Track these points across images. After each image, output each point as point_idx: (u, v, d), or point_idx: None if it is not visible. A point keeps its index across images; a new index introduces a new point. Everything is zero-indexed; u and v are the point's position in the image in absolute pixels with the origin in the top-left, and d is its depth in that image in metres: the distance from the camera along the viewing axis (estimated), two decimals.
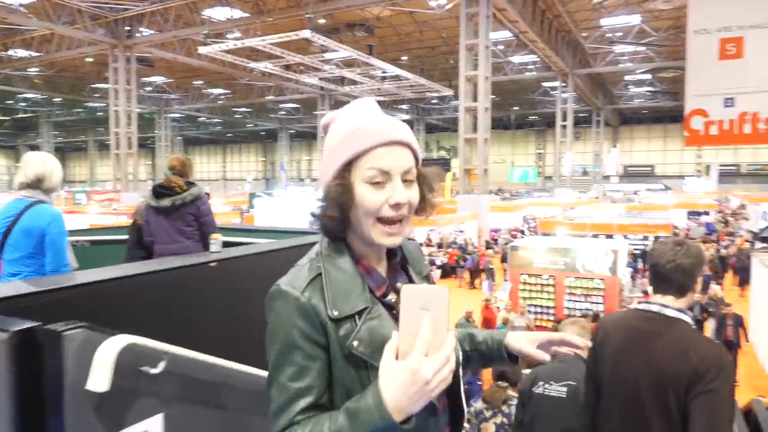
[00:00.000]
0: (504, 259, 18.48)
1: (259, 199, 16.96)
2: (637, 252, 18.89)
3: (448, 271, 20.22)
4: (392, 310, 1.14)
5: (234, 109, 58.43)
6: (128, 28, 28.39)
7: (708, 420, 1.86)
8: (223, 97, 49.94)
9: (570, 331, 3.31)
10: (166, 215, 3.82)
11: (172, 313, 2.30)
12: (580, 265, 12.65)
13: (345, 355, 1.07)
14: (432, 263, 19.46)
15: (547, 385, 3.20)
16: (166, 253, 3.69)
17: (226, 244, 4.38)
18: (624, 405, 2.08)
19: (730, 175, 58.11)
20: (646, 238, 19.88)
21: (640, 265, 17.54)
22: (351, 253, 1.16)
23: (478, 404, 4.12)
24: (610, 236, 19.11)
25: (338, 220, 1.11)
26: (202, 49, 25.54)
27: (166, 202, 3.80)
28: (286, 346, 1.05)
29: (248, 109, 59.18)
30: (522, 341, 1.40)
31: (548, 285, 13.00)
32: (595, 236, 19.00)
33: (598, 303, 12.46)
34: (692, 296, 2.07)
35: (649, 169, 63.01)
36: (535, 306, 13.11)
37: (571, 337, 1.41)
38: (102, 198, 32.23)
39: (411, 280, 1.25)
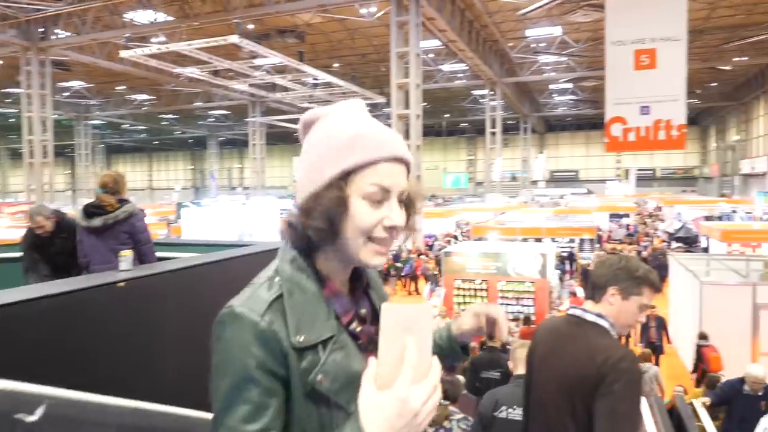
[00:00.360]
0: (438, 264, 18.65)
1: (187, 209, 16.31)
2: (564, 254, 19.57)
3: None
4: (357, 340, 1.03)
5: (160, 116, 56.30)
6: (42, 29, 26.75)
7: (607, 422, 1.87)
8: (147, 103, 48.01)
9: (520, 354, 3.62)
10: (98, 235, 3.71)
11: (66, 345, 2.02)
12: (511, 269, 12.92)
13: (306, 391, 0.94)
14: None
15: (510, 410, 3.25)
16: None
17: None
18: (543, 408, 2.14)
19: (646, 179, 61.58)
20: (572, 241, 20.65)
21: (567, 267, 18.15)
22: (315, 273, 1.03)
23: None
24: (539, 239, 19.71)
25: (326, 233, 0.98)
26: (123, 53, 24.38)
27: (97, 222, 3.70)
28: (239, 380, 0.90)
29: (175, 116, 57.20)
30: (463, 322, 1.28)
31: (481, 289, 13.19)
32: (525, 240, 19.54)
33: (529, 306, 12.75)
34: (609, 302, 2.09)
35: (574, 174, 65.79)
36: None
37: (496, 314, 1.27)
38: (14, 210, 30.11)
39: (374, 308, 1.12)
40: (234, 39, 21.07)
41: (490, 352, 6.77)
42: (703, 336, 9.40)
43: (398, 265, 18.58)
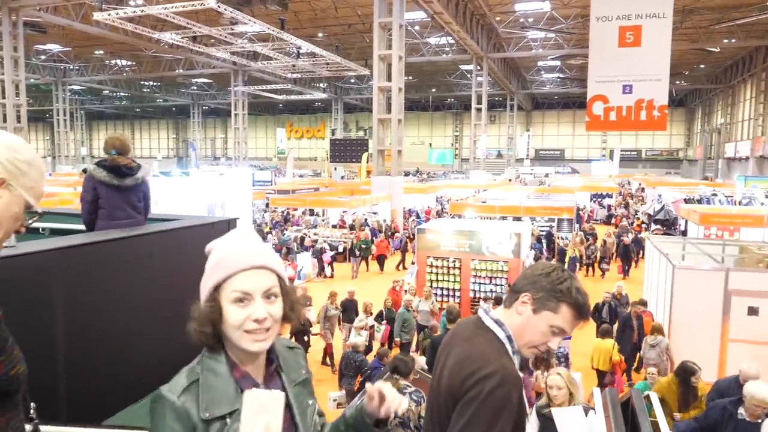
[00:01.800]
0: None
1: (156, 179, 15.83)
2: (542, 233, 19.43)
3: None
4: None
5: (141, 83, 55.05)
6: None
7: None
8: (128, 69, 46.82)
9: None
10: (123, 193, 3.93)
11: None
12: (485, 248, 12.70)
13: None
14: (334, 248, 19.15)
15: None
16: (121, 227, 3.85)
17: (58, 232, 3.80)
18: (428, 413, 1.91)
19: (631, 159, 61.74)
20: (551, 220, 20.52)
21: (544, 246, 18.02)
22: (228, 359, 1.30)
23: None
24: (518, 218, 19.54)
25: (210, 335, 1.27)
26: (97, 15, 23.53)
27: (129, 182, 3.93)
28: None
29: (157, 83, 55.96)
30: (366, 404, 1.40)
31: (454, 267, 12.98)
32: (504, 218, 19.35)
33: (501, 285, 12.58)
34: (517, 310, 1.73)
35: (559, 152, 65.73)
36: (442, 288, 13.08)
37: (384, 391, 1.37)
38: None
39: (283, 386, 1.37)
40: (211, 3, 20.36)
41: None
42: (642, 302, 10.57)
43: (363, 246, 18.18)
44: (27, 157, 1.28)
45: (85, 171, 3.97)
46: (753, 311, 9.59)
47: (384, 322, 10.32)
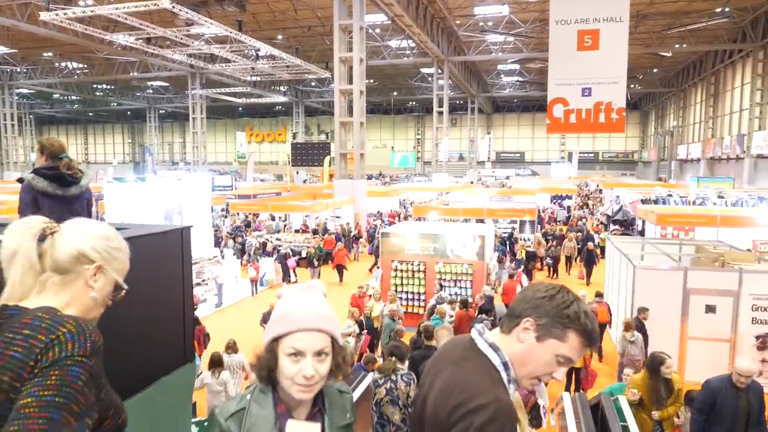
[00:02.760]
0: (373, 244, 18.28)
1: (110, 184, 15.19)
2: (505, 235, 19.56)
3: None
4: None
5: (94, 86, 53.32)
6: None
7: None
8: (79, 71, 45.27)
9: (441, 335, 5.23)
10: (66, 202, 3.64)
11: None
12: (449, 251, 12.63)
13: None
14: (297, 253, 18.74)
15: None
16: None
17: None
18: None
19: (589, 161, 63.21)
20: (514, 222, 20.68)
21: (507, 248, 18.11)
22: (275, 396, 1.49)
23: (375, 374, 5.08)
24: (481, 220, 19.61)
25: (265, 377, 1.48)
26: (44, 15, 22.57)
27: (74, 190, 3.65)
28: None
29: (110, 86, 54.31)
30: None
31: (419, 271, 12.87)
32: (467, 221, 19.39)
33: (467, 288, 12.53)
34: (519, 337, 1.52)
35: (520, 155, 66.74)
36: (407, 292, 12.95)
37: None
38: None
39: (323, 428, 1.51)
40: (166, 3, 19.79)
41: (427, 350, 6.76)
42: (598, 294, 12.06)
43: (319, 253, 17.80)
44: (117, 244, 1.54)
45: (21, 180, 3.61)
46: (710, 309, 9.78)
47: (365, 331, 10.12)
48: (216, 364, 7.02)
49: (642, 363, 8.44)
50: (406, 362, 5.63)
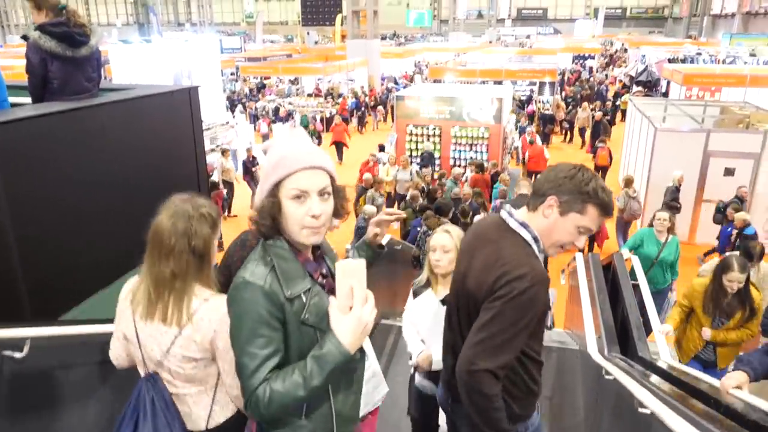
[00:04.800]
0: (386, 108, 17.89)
1: (115, 47, 14.66)
2: (524, 98, 18.99)
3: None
4: (324, 288, 1.50)
5: None
6: None
7: (473, 336, 1.65)
8: None
9: (522, 184, 6.61)
10: (77, 65, 3.28)
11: None
12: (465, 114, 12.36)
13: (299, 325, 1.41)
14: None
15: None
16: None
17: None
18: (450, 312, 1.99)
19: (616, 18, 59.40)
20: (533, 83, 19.96)
21: (525, 111, 17.66)
22: (291, 247, 1.46)
23: (424, 228, 6.22)
24: (499, 82, 18.94)
25: (269, 227, 1.42)
26: None
27: (84, 51, 3.26)
28: (255, 323, 1.36)
29: None
30: (369, 234, 1.89)
31: (434, 135, 12.71)
32: (484, 83, 18.74)
33: (482, 152, 12.42)
34: (544, 213, 1.71)
35: (542, 12, 62.74)
36: (422, 157, 12.89)
37: (391, 210, 1.90)
38: None
39: (328, 266, 1.57)
40: None
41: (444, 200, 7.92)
42: (602, 140, 13.07)
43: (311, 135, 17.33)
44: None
45: (25, 38, 3.24)
46: (729, 172, 9.66)
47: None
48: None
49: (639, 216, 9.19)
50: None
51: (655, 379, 2.42)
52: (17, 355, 2.01)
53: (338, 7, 37.76)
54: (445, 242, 2.63)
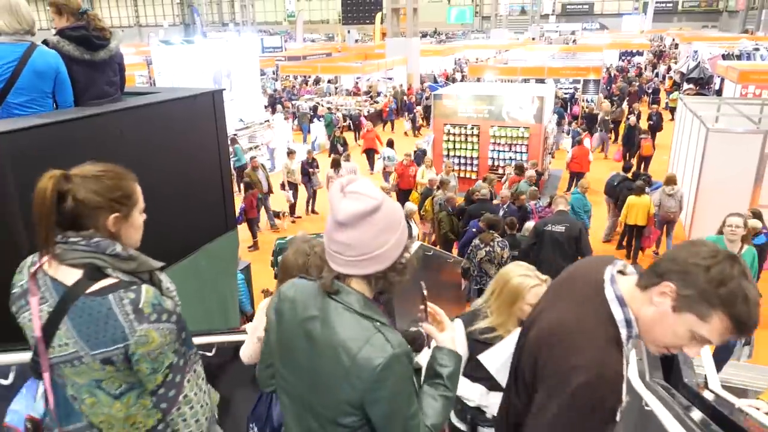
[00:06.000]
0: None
1: (157, 48, 14.93)
2: (567, 96, 18.45)
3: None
4: None
5: None
6: None
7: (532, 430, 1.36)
8: None
9: (559, 202, 6.54)
10: (97, 69, 3.27)
11: None
12: (504, 113, 12.04)
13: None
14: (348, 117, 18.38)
15: (552, 226, 5.97)
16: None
17: None
18: (513, 362, 1.66)
19: (666, 12, 57.34)
20: (577, 81, 19.38)
21: (568, 110, 17.16)
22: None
23: (476, 241, 6.55)
24: (541, 80, 18.46)
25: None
26: None
27: (104, 54, 3.27)
28: (413, 394, 1.39)
29: None
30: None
31: (472, 135, 12.44)
32: (526, 81, 18.30)
33: (522, 153, 12.09)
34: (653, 300, 1.29)
35: (588, 7, 61.15)
36: (459, 157, 12.65)
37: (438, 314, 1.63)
38: None
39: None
40: None
41: (481, 203, 8.17)
42: (643, 132, 13.52)
43: (340, 143, 16.60)
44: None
45: (46, 43, 3.23)
46: None
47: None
48: (335, 164, 10.60)
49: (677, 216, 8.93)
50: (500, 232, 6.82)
51: (697, 415, 2.17)
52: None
53: (379, 5, 37.57)
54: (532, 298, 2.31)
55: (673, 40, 40.70)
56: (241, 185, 10.77)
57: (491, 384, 2.36)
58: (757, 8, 47.83)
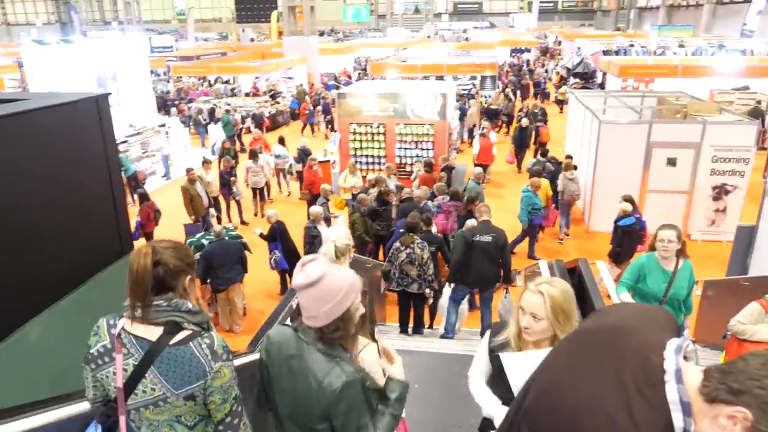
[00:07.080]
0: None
1: (28, 48, 13.52)
2: (465, 92, 18.90)
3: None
4: None
5: None
6: None
7: None
8: None
9: (483, 210, 6.46)
10: None
11: None
12: (409, 111, 12.06)
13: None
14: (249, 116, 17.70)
15: (480, 236, 6.13)
16: None
17: None
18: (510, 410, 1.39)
19: (548, 12, 60.77)
20: (474, 78, 19.91)
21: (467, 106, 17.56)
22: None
23: (396, 244, 6.46)
24: (440, 77, 18.78)
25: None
26: None
27: None
28: (364, 409, 1.80)
29: None
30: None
31: (378, 133, 12.35)
32: (426, 78, 18.54)
33: (428, 149, 12.17)
34: (718, 418, 1.00)
35: (477, 5, 63.48)
36: (366, 156, 12.53)
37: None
38: None
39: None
40: None
41: (410, 202, 8.35)
42: (539, 119, 14.57)
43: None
44: None
45: None
46: (671, 162, 9.76)
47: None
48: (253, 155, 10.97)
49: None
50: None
51: None
52: None
53: (273, 4, 36.67)
54: (535, 309, 2.08)
55: (557, 37, 43.16)
56: (135, 196, 9.96)
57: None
58: (626, 8, 51.91)
